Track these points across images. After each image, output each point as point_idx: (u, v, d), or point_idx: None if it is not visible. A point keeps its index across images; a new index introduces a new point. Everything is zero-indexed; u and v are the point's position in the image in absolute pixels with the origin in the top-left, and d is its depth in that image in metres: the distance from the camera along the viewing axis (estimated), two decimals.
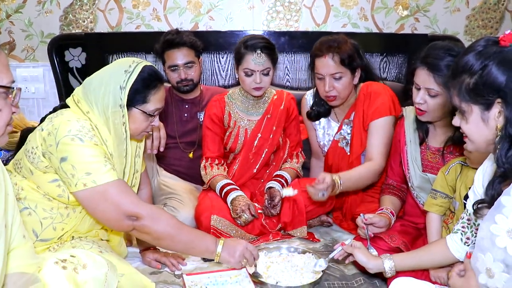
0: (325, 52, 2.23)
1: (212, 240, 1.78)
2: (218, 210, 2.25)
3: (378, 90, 2.32)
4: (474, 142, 1.29)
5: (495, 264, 1.14)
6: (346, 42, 2.26)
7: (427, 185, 2.01)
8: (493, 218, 1.16)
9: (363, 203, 2.41)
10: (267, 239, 2.31)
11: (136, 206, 1.63)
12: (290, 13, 3.20)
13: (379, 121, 2.26)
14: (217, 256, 1.75)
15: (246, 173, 2.49)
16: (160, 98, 1.77)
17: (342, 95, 2.30)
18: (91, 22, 3.20)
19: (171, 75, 2.64)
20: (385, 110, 2.26)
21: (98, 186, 1.58)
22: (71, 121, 1.61)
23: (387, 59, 3.09)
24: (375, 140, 2.25)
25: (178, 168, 2.71)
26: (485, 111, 1.22)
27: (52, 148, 1.58)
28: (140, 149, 1.94)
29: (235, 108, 2.47)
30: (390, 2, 3.19)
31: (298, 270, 1.94)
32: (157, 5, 3.17)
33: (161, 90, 1.77)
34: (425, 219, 1.96)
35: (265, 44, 2.29)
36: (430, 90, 1.83)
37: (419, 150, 2.05)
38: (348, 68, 2.25)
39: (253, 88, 2.33)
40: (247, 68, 2.29)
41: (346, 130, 2.42)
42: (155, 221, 1.66)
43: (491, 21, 3.26)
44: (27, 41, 3.23)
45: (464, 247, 1.56)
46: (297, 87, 3.08)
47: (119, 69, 1.71)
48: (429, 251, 1.66)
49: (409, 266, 1.69)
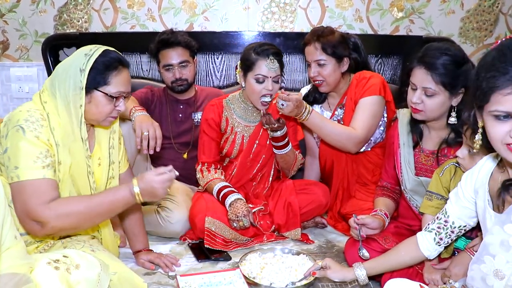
0: (311, 40, 2.39)
1: (125, 188, 1.70)
2: (212, 212, 2.24)
3: (369, 74, 2.40)
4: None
5: (508, 265, 1.15)
6: (332, 33, 2.40)
7: (420, 188, 2.01)
8: (510, 217, 1.17)
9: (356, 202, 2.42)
10: (261, 241, 2.31)
11: (41, 211, 1.54)
12: (285, 14, 3.20)
13: (368, 98, 2.33)
14: (137, 195, 1.68)
15: (242, 178, 2.48)
16: (123, 81, 1.74)
17: (328, 80, 2.40)
18: (85, 22, 3.19)
19: (165, 75, 2.63)
20: (375, 90, 2.33)
21: (19, 181, 1.55)
22: (22, 111, 1.60)
23: (382, 61, 3.10)
24: (360, 115, 2.32)
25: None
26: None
27: (2, 138, 1.59)
28: (114, 140, 1.90)
29: (233, 114, 2.45)
30: (385, 3, 3.20)
31: (292, 271, 1.94)
32: (152, 5, 3.16)
33: (123, 72, 1.75)
34: (418, 221, 1.97)
35: (276, 50, 2.30)
36: (427, 90, 1.83)
37: (412, 153, 2.05)
38: (332, 56, 2.37)
39: (262, 96, 2.27)
40: (259, 74, 2.25)
41: (340, 114, 2.47)
42: (62, 218, 1.57)
43: (485, 23, 3.27)
44: (21, 40, 3.21)
45: (435, 246, 1.59)
46: (292, 88, 3.07)
47: (80, 54, 1.71)
48: (398, 253, 1.68)
49: (380, 271, 1.73)
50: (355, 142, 2.29)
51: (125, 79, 1.76)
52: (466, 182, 1.47)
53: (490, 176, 1.37)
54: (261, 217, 2.37)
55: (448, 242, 1.59)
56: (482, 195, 1.37)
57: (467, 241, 1.74)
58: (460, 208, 1.51)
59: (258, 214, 2.36)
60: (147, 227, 2.19)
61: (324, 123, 2.27)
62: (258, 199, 2.46)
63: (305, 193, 2.43)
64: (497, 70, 1.14)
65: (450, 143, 1.92)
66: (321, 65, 2.38)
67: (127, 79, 1.78)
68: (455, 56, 1.83)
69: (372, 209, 2.10)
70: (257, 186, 2.51)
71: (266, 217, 2.39)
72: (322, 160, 2.57)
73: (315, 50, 2.37)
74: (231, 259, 2.15)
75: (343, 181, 2.51)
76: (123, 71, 1.75)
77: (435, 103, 1.85)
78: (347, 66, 2.43)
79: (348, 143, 2.29)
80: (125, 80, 1.76)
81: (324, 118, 2.32)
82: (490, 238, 1.22)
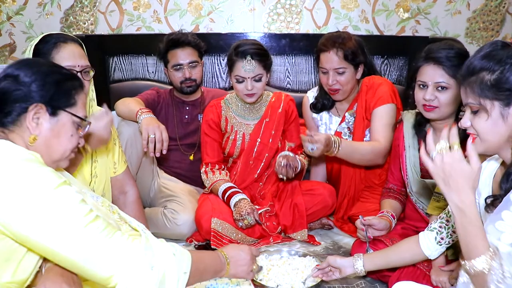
0: (330, 47, 2.29)
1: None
2: (218, 213, 2.24)
3: (379, 81, 2.38)
4: (486, 141, 1.26)
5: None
6: (350, 39, 2.33)
7: (426, 190, 2.00)
8: (499, 215, 1.16)
9: (362, 204, 2.41)
10: (268, 242, 2.30)
11: None
12: (291, 15, 3.20)
13: (382, 107, 2.30)
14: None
15: (247, 178, 2.48)
16: (68, 55, 1.67)
17: (345, 88, 2.36)
18: (91, 24, 3.20)
19: (175, 75, 2.63)
20: (387, 98, 2.31)
21: None
22: None
23: (388, 62, 3.09)
24: (378, 126, 2.29)
25: (178, 170, 2.70)
26: (505, 107, 1.22)
27: None
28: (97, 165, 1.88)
29: (231, 113, 2.46)
30: (391, 4, 3.19)
31: (299, 273, 1.93)
32: (157, 7, 3.17)
33: (65, 47, 1.67)
34: (425, 223, 1.96)
35: (255, 50, 2.27)
36: (439, 83, 1.83)
37: (418, 155, 2.04)
38: (351, 63, 2.31)
39: (245, 95, 2.32)
40: (237, 75, 2.29)
41: (350, 121, 2.45)
42: None
43: (492, 23, 3.25)
44: (27, 43, 3.22)
45: (436, 246, 1.58)
46: (298, 90, 3.08)
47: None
48: (398, 249, 1.69)
49: (379, 265, 1.72)
50: (382, 155, 2.27)
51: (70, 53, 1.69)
52: None
53: (493, 177, 1.37)
54: (267, 218, 2.37)
55: (450, 242, 1.58)
56: (485, 195, 1.36)
57: None
58: None
59: (264, 215, 2.35)
60: (153, 229, 2.19)
61: (353, 148, 2.21)
62: (264, 200, 2.45)
63: (311, 194, 2.42)
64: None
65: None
66: (340, 73, 2.32)
67: (73, 52, 1.70)
68: (460, 50, 1.85)
69: (379, 210, 2.10)
70: (263, 187, 2.50)
71: (273, 218, 2.38)
72: (329, 166, 2.56)
73: (335, 57, 2.29)
74: None
75: (350, 188, 2.48)
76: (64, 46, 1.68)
77: (449, 97, 1.84)
78: (362, 72, 2.40)
79: (376, 158, 2.27)
80: (70, 55, 1.68)
81: (352, 144, 2.26)
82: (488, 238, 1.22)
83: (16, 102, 1.21)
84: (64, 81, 1.29)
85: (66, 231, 1.09)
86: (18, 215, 1.07)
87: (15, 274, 1.15)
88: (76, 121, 1.30)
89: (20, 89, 1.21)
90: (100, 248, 1.10)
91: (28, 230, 1.08)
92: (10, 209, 1.07)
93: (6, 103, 1.21)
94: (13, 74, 1.23)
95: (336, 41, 2.29)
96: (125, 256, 1.12)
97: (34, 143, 1.22)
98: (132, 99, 2.50)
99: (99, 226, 1.12)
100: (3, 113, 1.21)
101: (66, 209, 1.10)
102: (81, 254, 1.09)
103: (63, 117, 1.27)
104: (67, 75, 1.32)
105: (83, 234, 1.10)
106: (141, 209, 2.17)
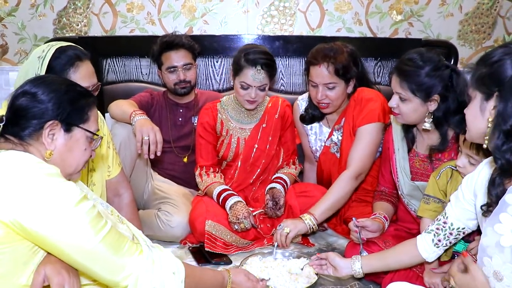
0: (320, 61, 2.20)
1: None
2: (213, 215, 2.24)
3: (369, 96, 2.29)
4: (470, 130, 1.33)
5: (504, 266, 1.15)
6: (342, 52, 2.22)
7: (417, 192, 2.02)
8: (497, 217, 1.17)
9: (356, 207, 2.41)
10: (262, 244, 2.30)
11: None
12: (284, 17, 3.20)
13: (366, 127, 2.24)
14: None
15: (243, 183, 2.49)
16: (84, 75, 1.73)
17: (335, 103, 2.30)
18: (85, 26, 3.19)
19: (169, 77, 2.63)
20: (374, 116, 2.23)
21: None
22: None
23: (381, 64, 3.10)
24: (358, 146, 2.24)
25: (172, 172, 2.70)
26: (484, 101, 1.25)
27: None
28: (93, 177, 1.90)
29: (227, 117, 2.46)
30: (384, 7, 3.21)
31: (293, 275, 1.94)
32: (151, 9, 3.17)
33: (81, 67, 1.73)
34: (417, 225, 1.97)
35: (266, 60, 2.25)
36: (400, 94, 1.90)
37: (407, 158, 2.06)
38: (342, 79, 2.24)
39: (246, 101, 2.31)
40: (244, 81, 2.26)
41: (337, 136, 2.41)
42: None
43: (483, 26, 3.28)
44: (20, 44, 3.21)
45: (434, 248, 1.59)
46: (292, 92, 3.08)
47: (34, 56, 1.70)
48: (396, 252, 1.69)
49: (377, 268, 1.73)
50: (355, 178, 2.20)
51: (86, 72, 1.75)
52: (466, 185, 1.48)
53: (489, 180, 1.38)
54: (261, 220, 2.37)
55: (447, 244, 1.58)
56: (481, 198, 1.37)
57: (466, 244, 1.74)
58: (459, 210, 1.51)
59: (258, 217, 2.36)
60: (147, 231, 2.18)
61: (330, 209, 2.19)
62: (257, 203, 2.45)
63: (305, 196, 2.42)
64: None
65: (440, 149, 1.94)
66: (330, 88, 2.24)
67: (89, 71, 1.77)
68: (427, 63, 1.87)
69: (371, 213, 2.11)
70: (256, 191, 2.51)
71: (267, 221, 2.38)
72: (320, 169, 2.53)
73: (326, 72, 2.20)
74: (231, 262, 2.15)
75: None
76: (81, 66, 1.73)
77: (408, 108, 1.90)
78: (353, 86, 2.32)
79: (353, 184, 2.21)
80: (86, 74, 1.75)
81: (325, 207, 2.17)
82: (486, 240, 1.23)
83: (33, 119, 1.26)
84: (79, 99, 1.33)
85: (82, 243, 1.15)
86: (40, 221, 1.12)
87: (30, 278, 1.18)
88: (89, 136, 1.34)
89: (37, 107, 1.26)
90: (111, 260, 1.19)
91: (49, 236, 1.13)
92: (32, 217, 1.12)
93: (23, 118, 1.26)
94: (31, 91, 1.28)
95: (327, 55, 2.19)
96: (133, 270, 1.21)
97: (50, 157, 1.27)
98: (125, 101, 2.50)
99: (113, 237, 1.20)
100: (20, 127, 1.26)
101: (85, 223, 1.16)
102: (94, 264, 1.18)
103: (77, 133, 1.32)
104: (82, 93, 1.37)
105: (98, 246, 1.17)
106: (136, 212, 2.17)
